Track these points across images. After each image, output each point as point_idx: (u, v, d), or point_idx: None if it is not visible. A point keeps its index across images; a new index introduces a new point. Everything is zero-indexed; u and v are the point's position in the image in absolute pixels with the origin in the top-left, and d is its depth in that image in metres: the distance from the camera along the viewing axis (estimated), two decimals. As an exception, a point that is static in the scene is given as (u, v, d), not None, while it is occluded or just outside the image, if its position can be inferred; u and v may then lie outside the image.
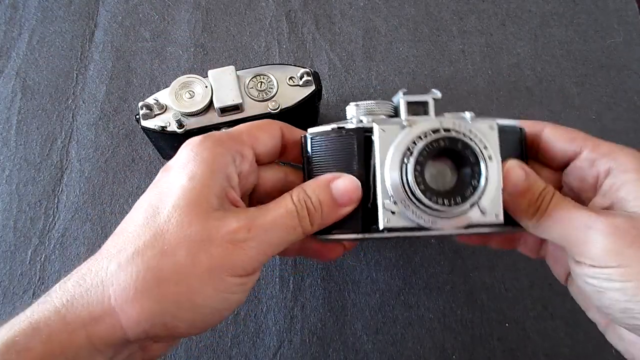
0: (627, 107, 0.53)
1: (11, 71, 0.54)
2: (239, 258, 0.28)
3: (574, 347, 0.43)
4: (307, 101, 0.43)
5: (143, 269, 0.26)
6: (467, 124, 0.30)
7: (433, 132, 0.29)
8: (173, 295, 0.27)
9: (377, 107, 0.32)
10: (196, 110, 0.41)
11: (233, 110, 0.42)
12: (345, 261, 0.46)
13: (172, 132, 0.42)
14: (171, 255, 0.27)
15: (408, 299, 0.45)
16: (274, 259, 0.46)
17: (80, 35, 0.56)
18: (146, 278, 0.26)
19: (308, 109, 0.45)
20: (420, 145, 0.28)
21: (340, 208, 0.30)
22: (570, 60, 0.55)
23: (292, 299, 0.45)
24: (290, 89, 0.43)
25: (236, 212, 0.29)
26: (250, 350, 0.44)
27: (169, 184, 0.29)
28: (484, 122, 0.31)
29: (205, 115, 0.42)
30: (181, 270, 0.27)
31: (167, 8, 0.57)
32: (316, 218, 0.30)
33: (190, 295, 0.27)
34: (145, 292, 0.26)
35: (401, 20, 0.57)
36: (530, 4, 0.58)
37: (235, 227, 0.28)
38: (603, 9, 0.57)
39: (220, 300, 0.28)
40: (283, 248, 0.30)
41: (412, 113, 0.31)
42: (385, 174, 0.29)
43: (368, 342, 0.44)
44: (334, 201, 0.30)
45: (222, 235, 0.27)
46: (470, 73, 0.54)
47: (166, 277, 0.26)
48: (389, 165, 0.29)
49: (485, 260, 0.46)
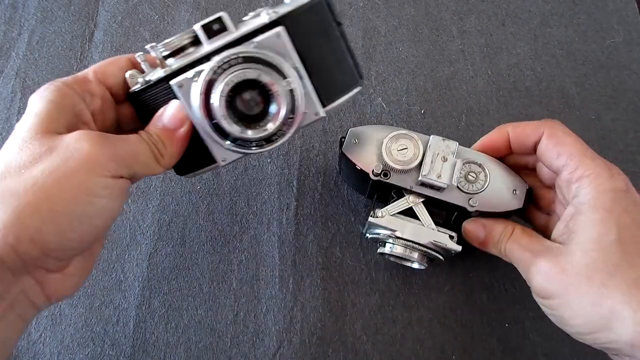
0: (627, 107, 0.53)
1: (11, 71, 0.54)
2: (93, 157, 0.28)
3: (574, 347, 0.43)
4: (317, 15, 0.33)
5: (2, 191, 0.27)
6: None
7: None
8: (31, 206, 0.27)
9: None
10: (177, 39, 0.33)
11: (219, 31, 0.32)
12: (345, 261, 0.46)
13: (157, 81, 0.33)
14: (27, 174, 0.28)
15: (408, 299, 0.45)
16: (274, 259, 0.46)
17: (80, 35, 0.56)
18: (4, 197, 0.27)
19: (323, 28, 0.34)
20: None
21: (175, 132, 0.32)
22: (570, 60, 0.55)
23: (291, 299, 0.45)
24: (291, 3, 0.33)
25: None
26: (250, 350, 0.43)
27: (19, 125, 0.30)
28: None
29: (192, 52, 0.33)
30: (37, 182, 0.27)
31: (167, 8, 0.57)
32: (161, 148, 0.32)
33: (49, 203, 0.27)
34: (2, 208, 0.27)
35: (401, 21, 0.57)
36: (530, 4, 0.58)
37: (88, 133, 0.29)
38: (603, 9, 0.57)
39: (83, 203, 0.28)
40: (143, 168, 0.31)
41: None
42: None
43: (368, 343, 0.44)
44: (167, 128, 0.32)
45: (75, 140, 0.29)
46: (470, 73, 0.54)
47: (23, 191, 0.27)
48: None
49: (485, 260, 0.46)
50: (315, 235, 0.47)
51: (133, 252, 0.46)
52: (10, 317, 0.29)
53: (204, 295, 0.45)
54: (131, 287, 0.45)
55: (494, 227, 0.38)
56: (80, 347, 0.43)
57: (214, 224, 0.48)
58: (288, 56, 0.32)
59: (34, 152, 0.28)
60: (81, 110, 0.32)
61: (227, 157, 0.34)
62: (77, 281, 0.32)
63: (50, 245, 0.28)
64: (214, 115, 0.31)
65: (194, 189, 0.49)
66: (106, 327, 0.44)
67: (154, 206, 0.48)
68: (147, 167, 0.32)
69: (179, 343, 0.44)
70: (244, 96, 0.31)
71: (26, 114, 0.30)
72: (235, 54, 0.30)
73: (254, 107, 0.32)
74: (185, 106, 0.32)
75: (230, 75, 0.30)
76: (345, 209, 0.48)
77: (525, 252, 0.35)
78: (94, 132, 0.30)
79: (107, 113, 0.34)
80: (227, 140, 0.32)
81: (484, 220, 0.39)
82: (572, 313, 0.31)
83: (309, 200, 0.49)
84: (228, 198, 0.49)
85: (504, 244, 0.37)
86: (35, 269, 0.29)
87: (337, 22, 0.34)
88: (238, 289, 0.45)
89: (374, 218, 0.40)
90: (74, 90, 0.31)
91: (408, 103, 0.53)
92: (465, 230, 0.40)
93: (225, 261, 0.46)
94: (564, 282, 0.31)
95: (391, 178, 0.39)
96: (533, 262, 0.34)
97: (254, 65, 0.31)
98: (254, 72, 0.31)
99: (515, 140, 0.38)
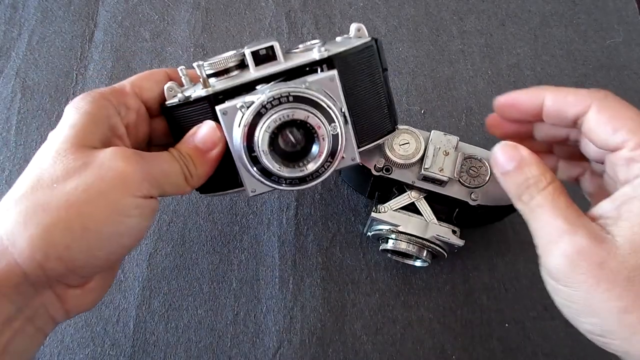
0: (627, 107, 0.53)
1: (11, 71, 0.54)
2: (128, 176, 0.28)
3: (574, 347, 0.43)
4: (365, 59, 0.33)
5: (31, 205, 0.27)
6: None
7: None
8: (63, 223, 0.26)
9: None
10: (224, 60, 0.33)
11: (268, 59, 0.32)
12: (345, 261, 0.46)
13: (197, 99, 0.32)
14: (59, 188, 0.27)
15: (408, 299, 0.45)
16: (274, 259, 0.46)
17: (80, 35, 0.56)
18: (36, 211, 0.26)
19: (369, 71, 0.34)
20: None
21: (207, 153, 0.32)
22: (570, 60, 0.55)
23: (291, 300, 0.45)
24: (342, 42, 0.34)
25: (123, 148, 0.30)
26: (250, 350, 0.43)
27: (54, 135, 0.30)
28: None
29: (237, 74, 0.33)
30: (70, 198, 0.27)
31: (166, 8, 0.57)
32: (191, 168, 0.32)
33: (81, 221, 0.27)
34: (33, 223, 0.26)
35: (401, 21, 0.57)
36: (530, 4, 0.58)
37: (123, 150, 0.29)
38: (603, 9, 0.57)
39: (115, 223, 0.28)
40: (173, 188, 0.31)
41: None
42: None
43: (368, 343, 0.44)
44: (198, 149, 0.32)
45: (109, 157, 0.28)
46: (470, 73, 0.54)
47: (55, 207, 0.27)
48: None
49: (485, 260, 0.46)
50: (315, 235, 0.47)
51: (133, 252, 0.46)
52: (29, 330, 0.28)
53: (204, 295, 0.45)
54: (131, 287, 0.45)
55: (530, 164, 0.30)
56: (80, 347, 0.43)
57: (214, 224, 0.48)
58: (337, 100, 0.31)
59: (67, 167, 0.28)
60: (116, 123, 0.31)
61: (257, 189, 0.33)
62: (97, 296, 0.31)
63: (78, 263, 0.27)
64: (255, 148, 0.31)
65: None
66: (106, 327, 0.44)
67: (154, 206, 0.48)
68: (176, 187, 0.31)
69: (179, 343, 0.44)
70: (288, 135, 0.31)
71: (61, 125, 0.30)
72: (287, 93, 0.30)
73: (296, 146, 0.31)
74: (225, 133, 0.32)
75: (278, 112, 0.30)
76: (345, 209, 0.48)
77: (558, 218, 0.28)
78: (129, 151, 0.29)
79: (140, 127, 0.34)
80: (262, 174, 0.32)
81: (522, 148, 0.31)
82: (590, 311, 0.27)
83: (309, 200, 0.49)
84: (228, 198, 0.49)
85: (535, 194, 0.29)
86: (57, 284, 0.29)
87: (384, 68, 0.34)
88: (238, 289, 0.45)
89: (376, 213, 0.40)
90: (110, 103, 0.31)
91: (408, 103, 0.53)
92: (494, 154, 0.31)
93: (225, 261, 0.46)
94: (596, 276, 0.26)
95: (393, 173, 0.39)
96: (562, 237, 0.27)
97: (303, 106, 0.30)
98: (303, 114, 0.30)
99: (552, 109, 0.31)
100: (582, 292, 0.27)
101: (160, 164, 0.30)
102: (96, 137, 0.29)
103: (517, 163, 0.30)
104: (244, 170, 0.32)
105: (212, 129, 0.32)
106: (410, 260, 0.44)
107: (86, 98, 0.31)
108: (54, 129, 0.30)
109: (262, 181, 0.32)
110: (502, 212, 0.40)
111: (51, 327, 0.30)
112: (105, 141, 0.30)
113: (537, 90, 0.32)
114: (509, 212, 0.41)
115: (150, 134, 0.35)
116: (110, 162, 0.28)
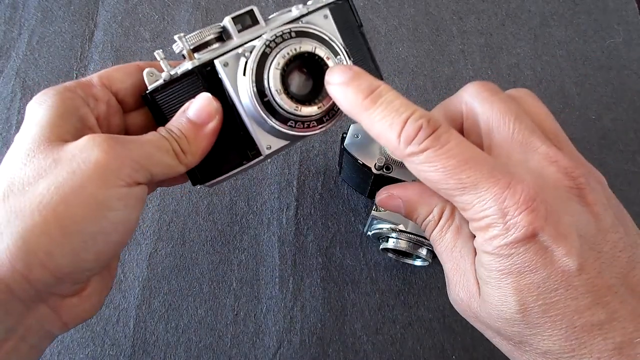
0: (627, 107, 0.53)
1: (11, 71, 0.54)
2: (104, 165, 0.25)
3: (574, 347, 0.43)
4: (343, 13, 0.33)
5: (4, 214, 0.24)
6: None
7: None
8: (39, 227, 0.24)
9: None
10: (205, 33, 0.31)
11: (249, 24, 0.31)
12: (345, 261, 0.46)
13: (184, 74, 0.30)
14: (31, 191, 0.25)
15: (408, 299, 0.45)
16: (274, 259, 0.46)
17: (80, 35, 0.56)
18: (9, 220, 0.24)
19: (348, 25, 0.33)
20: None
21: (203, 127, 0.29)
22: (570, 60, 0.55)
23: (291, 299, 0.45)
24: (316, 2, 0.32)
25: None
26: (250, 350, 0.43)
27: (20, 136, 0.28)
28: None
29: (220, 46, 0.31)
30: (42, 200, 0.24)
31: (167, 8, 0.57)
32: (184, 144, 0.29)
33: (58, 223, 0.24)
34: (7, 233, 0.24)
35: (401, 21, 0.57)
36: (530, 4, 0.58)
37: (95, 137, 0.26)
38: (603, 9, 0.57)
39: (96, 219, 0.25)
40: (161, 168, 0.28)
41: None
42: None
43: (368, 342, 0.44)
44: (193, 123, 0.29)
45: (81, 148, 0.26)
46: (470, 73, 0.54)
47: (28, 211, 0.24)
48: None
49: (485, 260, 0.46)
50: (315, 235, 0.47)
51: (133, 252, 0.46)
52: (23, 349, 0.26)
53: (204, 295, 0.45)
54: (131, 287, 0.45)
55: (417, 205, 0.30)
56: (80, 347, 0.43)
57: (214, 224, 0.48)
58: (334, 36, 0.30)
59: (38, 167, 0.25)
60: (86, 114, 0.29)
61: (272, 145, 0.31)
62: (96, 302, 0.29)
63: (64, 269, 0.25)
64: (268, 91, 0.28)
65: (194, 189, 0.49)
66: (106, 327, 0.44)
67: (154, 206, 0.48)
68: (167, 167, 0.28)
69: (179, 343, 0.44)
70: (297, 74, 0.30)
71: (26, 124, 0.28)
72: (289, 29, 0.29)
73: (308, 85, 0.30)
74: (229, 88, 0.29)
75: (285, 48, 0.28)
76: (345, 209, 0.48)
77: (449, 260, 0.29)
78: (102, 136, 0.26)
79: (113, 119, 0.31)
80: (277, 120, 0.29)
81: (404, 189, 0.31)
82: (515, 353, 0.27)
83: (309, 200, 0.49)
84: (228, 198, 0.49)
85: (429, 233, 0.30)
86: (50, 296, 0.26)
87: (360, 24, 0.34)
88: (238, 289, 0.45)
89: (376, 212, 0.40)
90: (76, 94, 0.29)
91: (408, 103, 0.53)
92: (378, 200, 0.32)
93: (225, 261, 0.46)
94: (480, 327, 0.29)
95: (393, 172, 0.39)
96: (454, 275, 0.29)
97: (307, 40, 0.29)
98: (310, 45, 0.29)
99: None
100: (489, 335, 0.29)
101: (141, 145, 0.27)
102: (65, 130, 0.27)
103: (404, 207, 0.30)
104: (256, 126, 0.30)
105: (207, 99, 0.29)
106: (410, 260, 0.44)
107: (49, 92, 0.28)
108: (19, 131, 0.28)
109: (278, 129, 0.30)
110: None
111: (48, 342, 0.28)
112: (76, 134, 0.27)
113: None
114: None
115: (125, 129, 0.33)
116: (82, 153, 0.25)
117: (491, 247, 0.24)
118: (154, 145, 0.28)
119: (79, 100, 0.29)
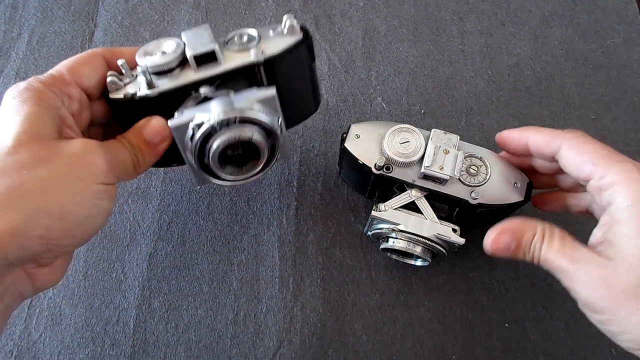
0: (627, 107, 0.53)
1: (11, 71, 0.54)
2: (96, 167, 0.31)
3: (574, 347, 0.43)
4: (297, 57, 0.36)
5: (5, 189, 0.28)
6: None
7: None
8: (41, 205, 0.28)
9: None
10: (167, 62, 0.34)
11: (209, 60, 0.34)
12: (345, 261, 0.46)
13: (142, 98, 0.34)
14: (30, 174, 0.28)
15: (408, 299, 0.45)
16: (274, 259, 0.46)
17: (80, 35, 0.56)
18: (10, 195, 0.28)
19: (300, 67, 0.38)
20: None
21: (157, 147, 0.35)
22: (570, 60, 0.55)
23: (291, 299, 0.45)
24: (275, 38, 0.36)
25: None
26: (250, 350, 0.43)
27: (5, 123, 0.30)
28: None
29: (179, 73, 0.35)
30: (44, 185, 0.29)
31: (167, 8, 0.57)
32: (140, 157, 0.35)
33: (59, 203, 0.29)
34: (11, 206, 0.27)
35: (401, 21, 0.57)
36: (530, 4, 0.58)
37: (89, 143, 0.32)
38: (603, 9, 0.57)
39: (90, 205, 0.31)
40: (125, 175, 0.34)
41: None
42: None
43: (368, 342, 0.44)
44: (148, 143, 0.35)
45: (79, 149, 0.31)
46: (470, 73, 0.54)
47: (31, 189, 0.28)
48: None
49: (485, 260, 0.46)
50: (315, 235, 0.47)
51: (133, 252, 0.46)
52: (0, 307, 0.30)
53: (204, 295, 0.45)
54: (131, 287, 0.45)
55: (523, 231, 0.33)
56: (80, 347, 0.43)
57: (214, 224, 0.48)
58: (275, 113, 0.35)
59: (35, 155, 0.29)
60: (64, 114, 0.33)
61: (204, 183, 0.38)
62: (61, 273, 0.34)
63: (58, 242, 0.30)
64: (207, 161, 0.34)
65: (194, 189, 0.49)
66: (106, 327, 0.44)
67: (154, 206, 0.48)
68: (127, 174, 0.34)
69: (179, 343, 0.44)
70: (233, 151, 0.35)
71: (11, 114, 0.30)
72: (234, 117, 0.33)
73: (239, 157, 0.36)
74: (177, 142, 0.35)
75: (227, 134, 0.33)
76: (345, 209, 0.48)
77: (564, 260, 0.31)
78: (94, 143, 0.32)
79: (83, 114, 0.35)
80: (211, 176, 0.37)
81: (507, 224, 0.34)
82: (622, 329, 0.30)
83: (309, 200, 0.49)
84: (228, 198, 0.49)
85: (539, 252, 0.33)
86: (30, 263, 0.31)
87: (313, 59, 0.38)
88: (238, 289, 0.45)
89: (376, 212, 0.40)
90: (55, 94, 0.32)
91: (408, 103, 0.53)
92: (490, 242, 0.35)
93: (225, 261, 0.46)
94: (611, 299, 0.29)
95: (393, 172, 0.39)
96: (576, 275, 0.31)
97: (248, 126, 0.33)
98: (249, 132, 0.34)
99: (533, 149, 0.37)
100: (610, 316, 0.30)
101: (118, 155, 0.33)
102: (52, 129, 0.31)
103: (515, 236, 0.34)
104: (193, 172, 0.37)
105: (161, 125, 0.34)
106: (410, 260, 0.44)
107: (30, 90, 0.31)
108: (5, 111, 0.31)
109: (209, 180, 0.37)
110: (502, 211, 0.40)
111: (18, 303, 0.32)
112: (59, 132, 0.31)
113: (523, 131, 0.38)
114: (509, 211, 0.41)
115: (90, 118, 0.36)
116: (80, 155, 0.31)
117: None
118: (126, 157, 0.34)
119: (58, 100, 0.33)
